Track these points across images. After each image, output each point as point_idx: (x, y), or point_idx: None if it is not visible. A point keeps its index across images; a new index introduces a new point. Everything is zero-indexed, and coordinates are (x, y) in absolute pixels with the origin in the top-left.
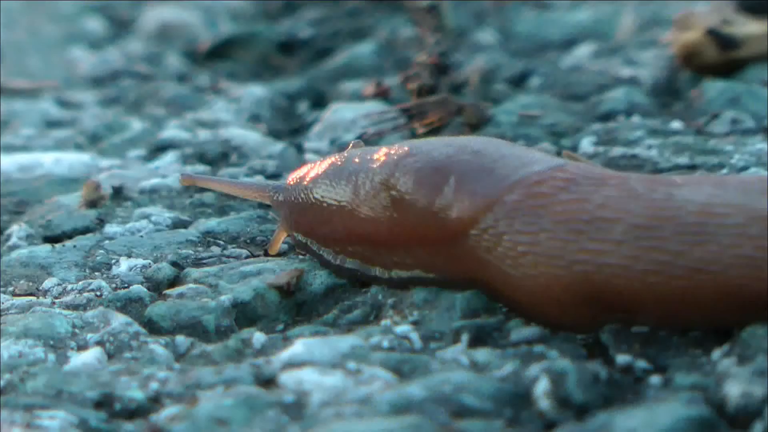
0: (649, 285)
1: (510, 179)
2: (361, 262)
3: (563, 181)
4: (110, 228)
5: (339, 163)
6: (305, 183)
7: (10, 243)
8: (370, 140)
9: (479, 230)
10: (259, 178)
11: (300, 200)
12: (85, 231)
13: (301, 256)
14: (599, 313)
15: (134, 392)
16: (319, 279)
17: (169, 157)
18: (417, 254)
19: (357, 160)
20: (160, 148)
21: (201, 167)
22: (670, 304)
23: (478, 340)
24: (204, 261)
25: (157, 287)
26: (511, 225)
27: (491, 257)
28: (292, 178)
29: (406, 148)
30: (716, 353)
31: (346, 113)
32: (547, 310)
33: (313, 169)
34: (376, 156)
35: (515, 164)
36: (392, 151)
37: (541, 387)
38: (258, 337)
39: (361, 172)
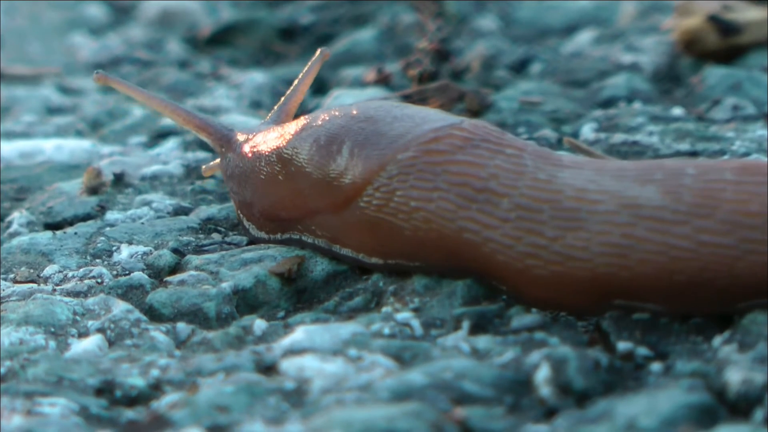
0: (528, 267)
1: (404, 138)
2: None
3: (461, 140)
4: (111, 215)
5: (258, 138)
6: (240, 154)
7: (11, 230)
8: None
9: (372, 190)
10: None
11: (233, 169)
12: (86, 218)
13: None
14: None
15: (135, 379)
16: (320, 266)
17: (170, 144)
18: (320, 225)
19: (268, 136)
20: (161, 135)
21: (202, 154)
22: (548, 289)
23: (478, 327)
24: (205, 248)
25: (158, 274)
26: (405, 181)
27: (382, 214)
28: (242, 137)
29: (303, 122)
30: (717, 340)
31: (347, 100)
32: (432, 264)
33: (247, 142)
34: (279, 132)
35: (409, 124)
36: (291, 126)
37: (542, 374)
38: (259, 324)
39: (270, 148)
